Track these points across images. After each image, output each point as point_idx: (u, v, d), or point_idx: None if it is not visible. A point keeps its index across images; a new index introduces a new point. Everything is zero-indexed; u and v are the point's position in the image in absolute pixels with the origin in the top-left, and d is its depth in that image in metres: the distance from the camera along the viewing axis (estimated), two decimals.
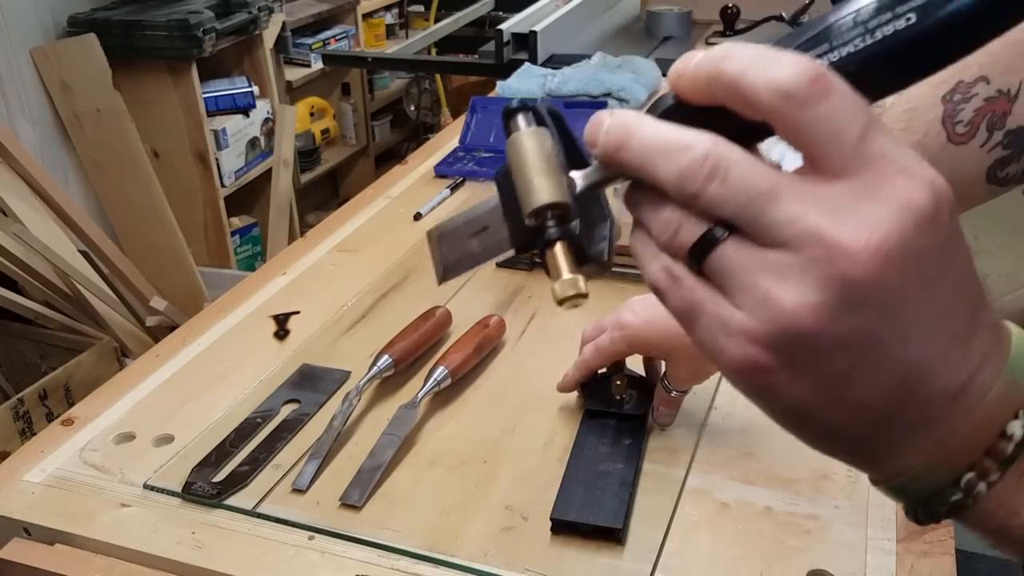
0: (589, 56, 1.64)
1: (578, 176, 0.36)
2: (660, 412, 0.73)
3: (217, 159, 2.36)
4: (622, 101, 1.46)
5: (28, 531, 0.68)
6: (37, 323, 1.90)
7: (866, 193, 0.29)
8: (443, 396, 0.79)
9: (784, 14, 1.85)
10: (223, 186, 2.41)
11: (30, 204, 1.92)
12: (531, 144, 0.36)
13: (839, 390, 0.31)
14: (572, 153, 0.37)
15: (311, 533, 0.65)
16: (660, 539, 0.64)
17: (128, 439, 0.77)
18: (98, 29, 2.13)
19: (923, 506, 0.33)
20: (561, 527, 0.64)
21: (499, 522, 0.66)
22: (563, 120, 0.38)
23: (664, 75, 1.55)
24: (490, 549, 0.63)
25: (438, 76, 3.46)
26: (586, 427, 0.74)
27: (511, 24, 1.91)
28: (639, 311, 0.70)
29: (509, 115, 0.37)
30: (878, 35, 0.31)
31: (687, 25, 2.00)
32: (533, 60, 1.79)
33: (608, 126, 0.33)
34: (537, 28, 1.82)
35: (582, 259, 0.35)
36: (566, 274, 0.33)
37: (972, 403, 0.31)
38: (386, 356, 0.80)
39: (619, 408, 0.74)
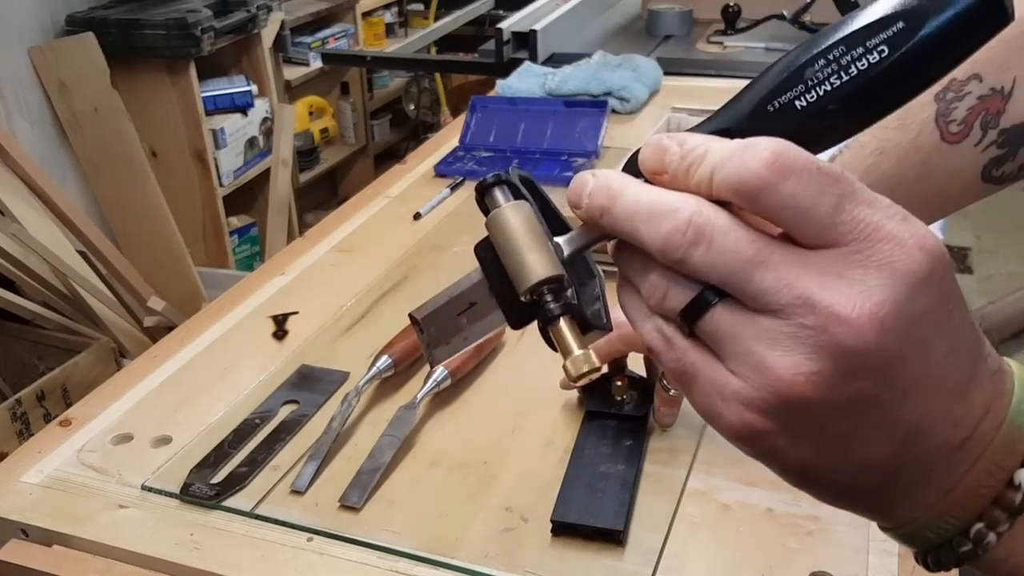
0: (589, 55, 1.63)
1: (563, 242, 0.36)
2: (661, 412, 0.73)
3: (215, 158, 2.36)
4: (623, 100, 1.46)
5: (26, 532, 0.67)
6: (35, 323, 1.90)
7: (854, 261, 0.29)
8: (443, 397, 0.79)
9: (785, 12, 1.85)
10: (221, 186, 2.41)
11: (28, 204, 1.92)
12: (515, 219, 0.35)
13: (840, 451, 0.31)
14: (548, 216, 0.37)
15: (310, 535, 0.65)
16: (661, 541, 0.63)
17: (126, 440, 0.76)
18: (96, 28, 2.13)
19: (932, 554, 0.33)
20: (562, 529, 0.64)
21: (499, 523, 0.65)
22: (535, 183, 0.38)
23: (664, 74, 1.56)
24: (490, 551, 0.63)
25: (438, 75, 3.46)
26: (586, 428, 0.73)
27: (511, 23, 1.91)
28: None
29: (484, 190, 0.37)
30: (852, 71, 0.31)
31: (688, 23, 2.00)
32: (533, 59, 1.79)
33: (591, 189, 0.33)
34: (537, 27, 1.82)
35: (584, 327, 0.35)
36: (576, 350, 0.33)
37: (976, 453, 0.31)
38: (385, 356, 0.80)
39: (619, 409, 0.73)
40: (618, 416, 0.73)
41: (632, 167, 0.34)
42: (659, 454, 0.72)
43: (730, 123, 0.34)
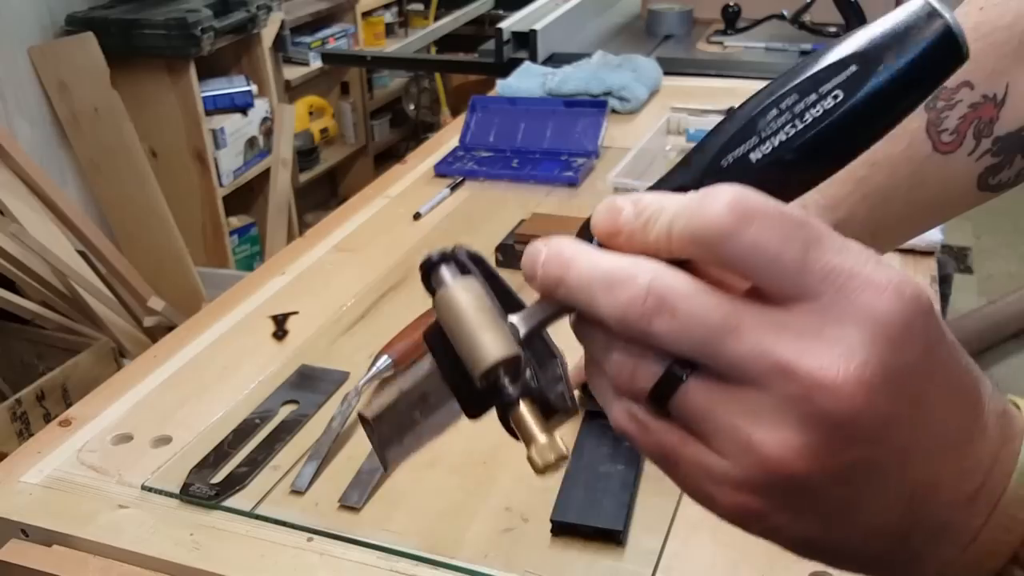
0: (589, 55, 1.63)
1: (518, 320, 0.33)
2: None
3: (215, 158, 2.36)
4: (623, 100, 1.46)
5: (25, 532, 0.67)
6: (34, 323, 1.90)
7: (830, 316, 0.27)
8: None
9: (785, 12, 1.85)
10: (221, 185, 2.41)
11: (27, 204, 1.92)
12: (464, 298, 0.33)
13: (844, 520, 0.29)
14: (500, 294, 0.34)
15: (310, 535, 0.65)
16: (661, 541, 0.63)
17: (126, 440, 0.76)
18: (96, 28, 2.13)
19: None
20: (561, 529, 0.64)
21: (499, 524, 0.65)
22: (484, 261, 0.36)
23: (664, 74, 1.56)
24: (490, 551, 0.63)
25: (438, 75, 3.46)
26: (587, 428, 0.73)
27: (511, 23, 1.91)
28: None
29: (430, 269, 0.35)
30: (807, 118, 0.30)
31: (688, 23, 2.00)
32: (533, 59, 1.79)
33: (544, 258, 0.31)
34: (537, 27, 1.82)
35: (547, 410, 0.32)
36: (541, 438, 0.31)
37: (988, 505, 0.29)
38: (385, 356, 0.80)
39: None
40: None
41: (587, 233, 0.32)
42: None
43: (686, 181, 0.32)
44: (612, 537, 0.63)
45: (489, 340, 0.31)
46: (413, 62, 2.59)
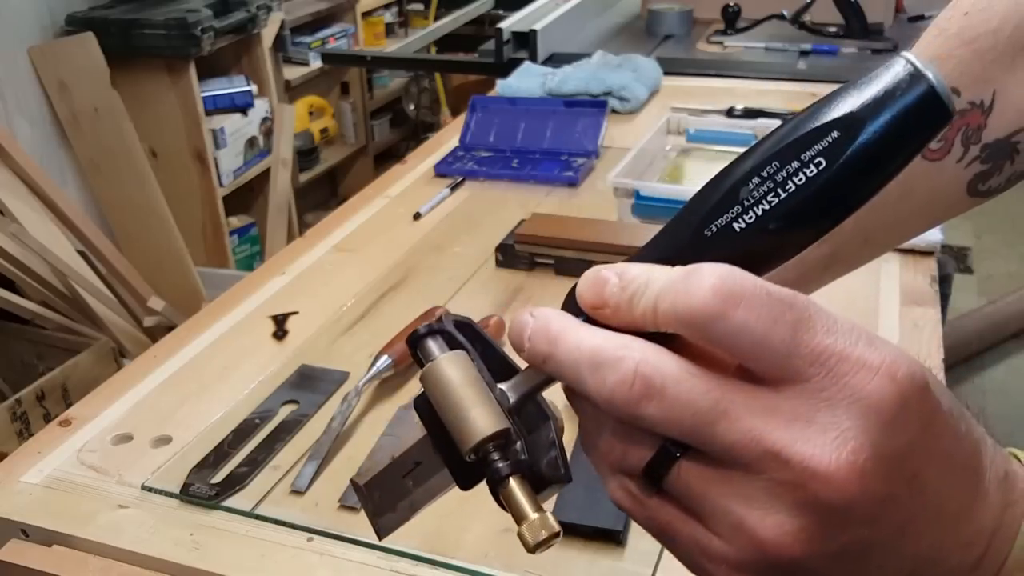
0: (589, 55, 1.63)
1: (508, 388, 0.33)
2: None
3: (215, 158, 2.36)
4: (623, 100, 1.46)
5: (26, 532, 0.67)
6: (35, 323, 1.90)
7: (821, 400, 0.26)
8: None
9: (785, 12, 1.85)
10: (221, 185, 2.41)
11: (27, 204, 1.92)
12: (452, 373, 0.33)
13: None
14: (491, 360, 0.34)
15: (310, 534, 0.65)
16: None
17: (126, 440, 0.76)
18: (96, 28, 2.13)
19: None
20: (561, 528, 0.64)
21: (499, 523, 0.65)
22: (474, 327, 0.36)
23: (664, 74, 1.56)
24: (490, 551, 0.63)
25: (438, 75, 3.46)
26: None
27: (511, 23, 1.91)
28: None
29: (417, 343, 0.35)
30: (790, 187, 0.29)
31: (688, 23, 2.00)
32: (533, 59, 1.79)
33: (530, 332, 0.31)
34: (537, 27, 1.82)
35: (539, 483, 0.32)
36: (531, 514, 0.30)
37: (992, 571, 0.29)
38: (385, 356, 0.80)
39: None
40: None
41: (574, 300, 0.31)
42: None
43: (669, 252, 0.31)
44: (612, 537, 0.63)
45: (476, 416, 0.31)
46: (413, 62, 2.59)
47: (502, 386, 0.33)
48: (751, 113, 1.39)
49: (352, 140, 3.36)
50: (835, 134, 0.28)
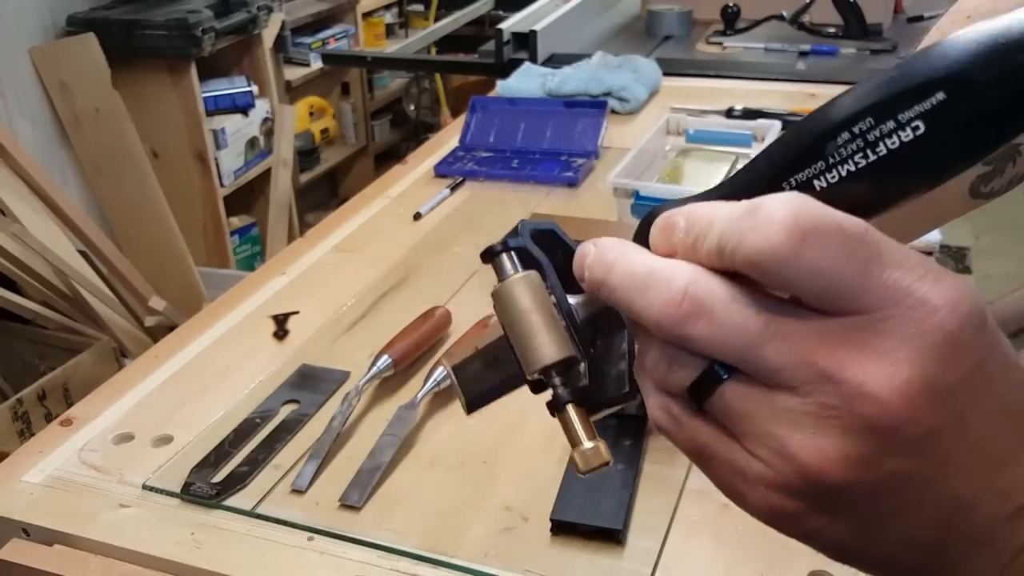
0: (589, 55, 1.63)
1: (579, 303, 0.33)
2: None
3: (216, 159, 2.36)
4: (622, 100, 1.46)
5: (27, 532, 0.67)
6: (36, 323, 1.90)
7: (882, 329, 0.26)
8: (443, 396, 0.79)
9: (785, 13, 1.85)
10: (222, 186, 2.41)
11: (29, 204, 1.92)
12: (520, 295, 0.32)
13: (881, 529, 0.28)
14: (568, 272, 0.33)
15: (310, 534, 0.65)
16: (660, 540, 0.64)
17: (127, 439, 0.76)
18: (97, 28, 2.13)
19: None
20: (561, 528, 0.64)
21: (499, 523, 0.66)
22: (556, 233, 0.35)
23: (664, 74, 1.56)
24: (490, 550, 0.63)
25: (438, 75, 3.46)
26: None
27: (511, 23, 1.91)
28: None
29: (491, 258, 0.34)
30: (881, 150, 0.27)
31: (688, 24, 2.00)
32: (533, 59, 1.79)
33: (590, 260, 0.31)
34: (537, 27, 1.82)
35: (599, 403, 0.32)
36: (585, 442, 0.31)
37: None
38: (386, 356, 0.80)
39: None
40: (618, 416, 0.73)
41: (644, 233, 0.31)
42: (659, 453, 0.72)
43: (741, 195, 0.29)
44: (612, 536, 0.63)
45: (542, 342, 0.31)
46: (413, 63, 2.59)
47: (575, 300, 0.33)
48: (750, 114, 1.39)
49: (352, 140, 3.36)
50: (940, 96, 0.26)
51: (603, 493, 0.66)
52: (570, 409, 0.31)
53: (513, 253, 0.34)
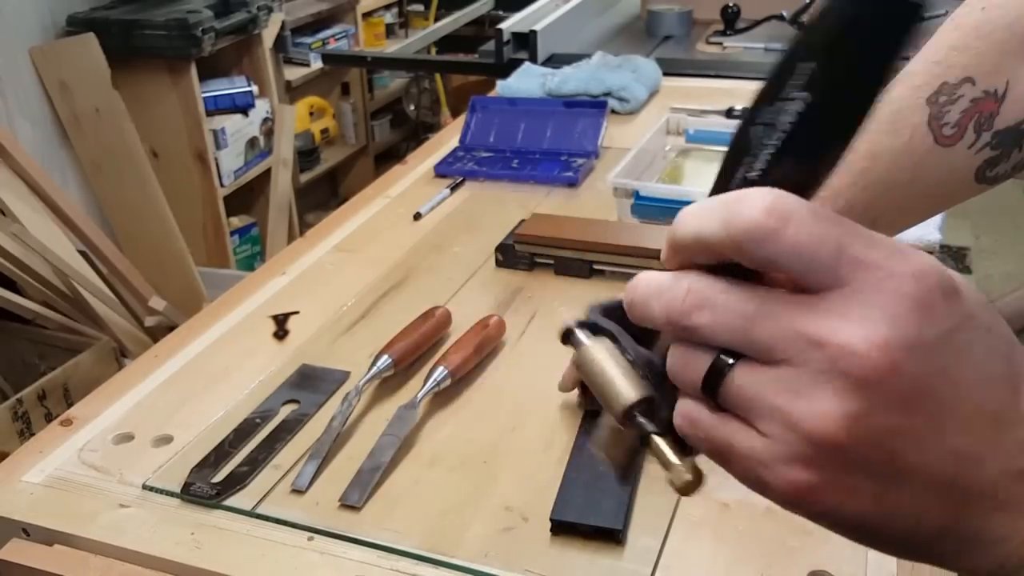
0: (589, 55, 1.64)
1: (655, 352, 0.36)
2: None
3: (216, 159, 2.36)
4: (622, 100, 1.46)
5: (27, 531, 0.68)
6: (36, 323, 1.90)
7: (857, 299, 0.29)
8: (443, 396, 0.79)
9: (785, 13, 1.85)
10: (222, 186, 2.41)
11: (29, 204, 1.92)
12: (593, 357, 0.37)
13: (896, 494, 0.30)
14: (645, 329, 0.37)
15: (310, 534, 0.65)
16: (660, 539, 0.64)
17: (127, 439, 0.76)
18: (97, 29, 2.13)
19: None
20: (561, 528, 0.64)
21: (499, 523, 0.66)
22: (619, 308, 0.38)
23: (664, 74, 1.56)
24: (490, 550, 0.63)
25: (438, 76, 3.46)
26: (587, 427, 0.73)
27: (511, 23, 1.91)
28: None
29: (568, 335, 0.39)
30: (784, 126, 0.30)
31: (687, 24, 2.00)
32: (533, 59, 1.79)
33: (626, 299, 0.35)
34: (537, 27, 1.82)
35: (682, 444, 0.35)
36: (675, 462, 0.34)
37: None
38: (386, 356, 0.80)
39: None
40: None
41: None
42: None
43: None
44: (611, 536, 0.63)
45: (621, 388, 0.36)
46: (413, 63, 2.59)
47: (650, 355, 0.36)
48: None
49: (352, 140, 3.36)
50: (811, 64, 0.29)
51: (603, 493, 0.66)
52: (655, 439, 0.35)
53: (585, 328, 0.39)
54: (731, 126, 1.29)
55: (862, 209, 0.61)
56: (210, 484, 0.69)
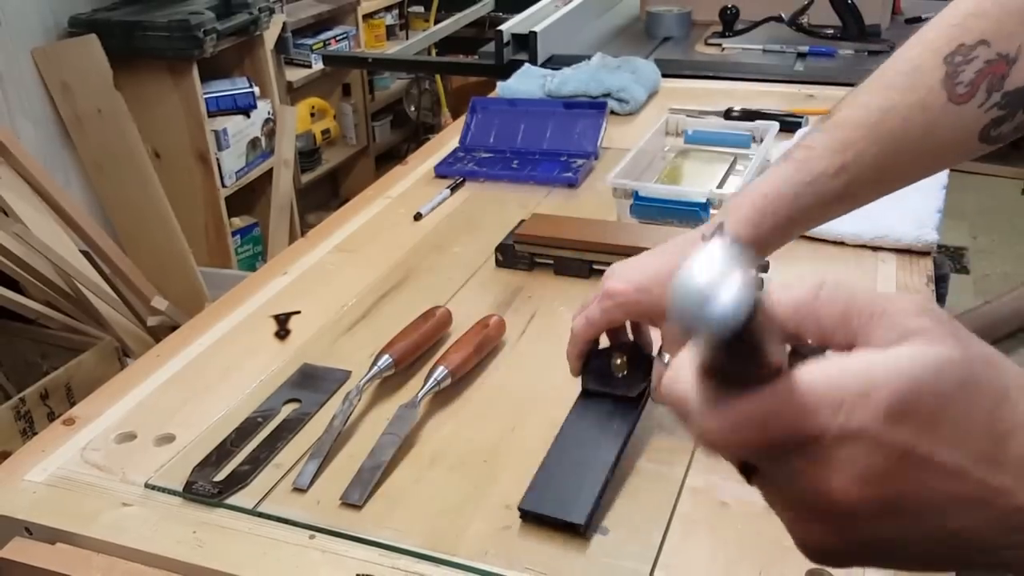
0: (589, 57, 1.64)
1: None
2: (659, 391, 0.72)
3: (218, 159, 2.36)
4: (622, 101, 1.47)
5: (29, 530, 0.68)
6: (38, 323, 1.90)
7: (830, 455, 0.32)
8: (443, 396, 0.80)
9: (783, 14, 1.85)
10: (224, 186, 2.41)
11: (31, 204, 1.92)
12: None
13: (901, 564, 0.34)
14: None
15: (312, 532, 0.66)
16: (659, 538, 0.64)
17: (129, 439, 0.77)
18: (99, 30, 2.14)
19: None
20: (528, 518, 0.64)
21: (499, 521, 0.66)
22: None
23: (663, 75, 1.56)
24: (490, 548, 0.64)
25: (438, 77, 3.46)
26: (579, 409, 0.72)
27: (511, 25, 1.92)
28: (629, 277, 0.69)
29: None
30: None
31: (687, 26, 2.00)
32: (533, 61, 1.80)
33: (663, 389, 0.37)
34: (537, 29, 1.82)
35: None
36: None
37: None
38: (386, 356, 0.81)
39: (614, 388, 0.71)
40: (612, 397, 0.72)
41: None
42: (658, 452, 0.72)
43: None
44: (574, 530, 0.63)
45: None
46: (414, 64, 2.60)
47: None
48: (749, 114, 1.39)
49: (353, 141, 3.37)
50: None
51: (577, 485, 0.66)
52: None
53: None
54: (730, 127, 1.30)
55: (870, 162, 0.64)
56: (212, 483, 0.70)
